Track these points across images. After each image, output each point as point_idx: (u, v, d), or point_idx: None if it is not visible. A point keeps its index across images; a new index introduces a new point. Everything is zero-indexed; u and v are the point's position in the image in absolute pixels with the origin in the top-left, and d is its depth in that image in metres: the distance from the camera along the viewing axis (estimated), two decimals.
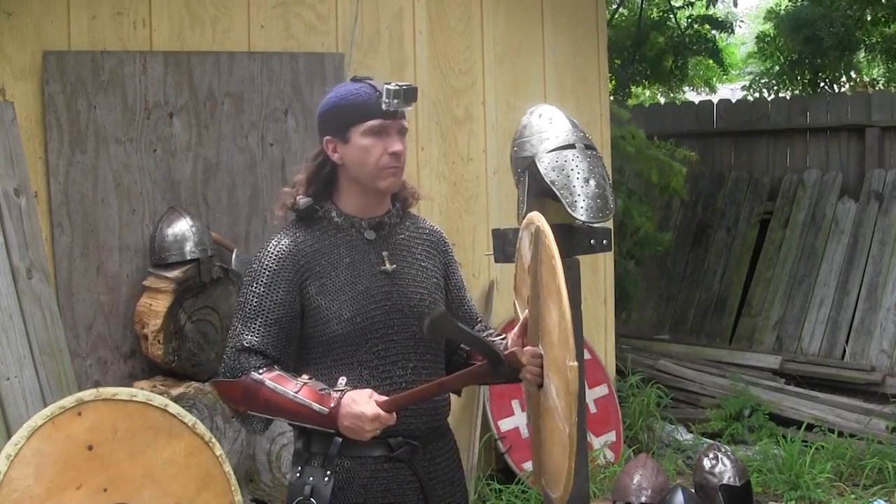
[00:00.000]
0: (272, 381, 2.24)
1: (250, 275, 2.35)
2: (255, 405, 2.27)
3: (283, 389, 2.23)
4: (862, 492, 5.20)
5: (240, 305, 2.35)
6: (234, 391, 2.28)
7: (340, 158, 2.34)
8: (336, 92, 2.39)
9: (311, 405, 2.21)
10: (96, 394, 3.20)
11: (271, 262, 2.33)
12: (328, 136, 2.36)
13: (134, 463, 3.14)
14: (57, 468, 3.04)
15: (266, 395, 2.24)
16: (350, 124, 2.32)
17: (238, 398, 2.29)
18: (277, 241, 2.36)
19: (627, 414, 5.98)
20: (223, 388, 2.34)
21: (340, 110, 2.34)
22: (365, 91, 2.32)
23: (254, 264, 2.36)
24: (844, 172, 7.77)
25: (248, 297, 2.32)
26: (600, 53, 5.93)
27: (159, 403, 3.27)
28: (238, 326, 2.32)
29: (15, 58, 3.92)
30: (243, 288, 2.36)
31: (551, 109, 3.10)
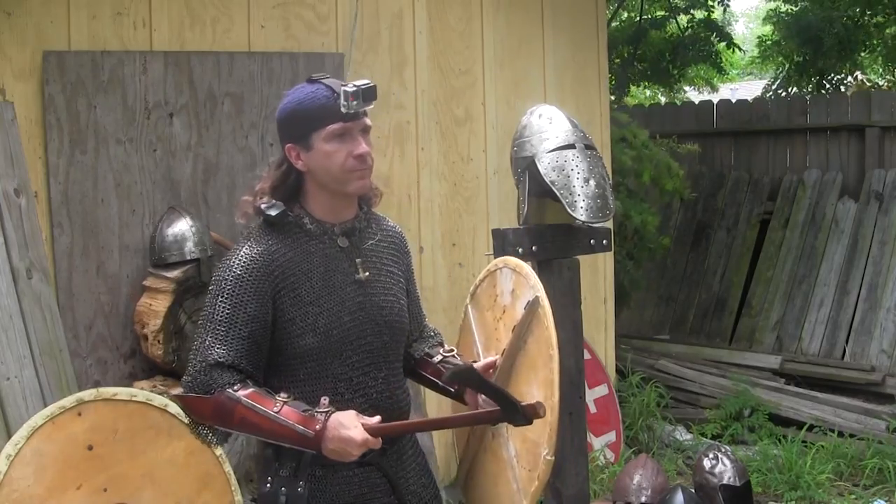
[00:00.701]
0: (249, 400, 2.17)
1: (218, 284, 2.23)
2: (227, 423, 2.20)
3: (262, 409, 2.16)
4: (862, 492, 5.20)
5: (207, 316, 2.22)
6: (205, 408, 2.21)
7: (305, 165, 2.26)
8: (293, 96, 2.27)
9: (294, 427, 2.14)
10: (96, 394, 3.20)
11: (242, 272, 2.21)
12: (290, 144, 2.27)
13: (134, 463, 3.14)
14: (57, 468, 3.04)
15: (242, 414, 2.17)
16: (311, 130, 2.23)
17: (208, 414, 2.22)
18: (249, 249, 2.24)
19: (627, 414, 5.98)
20: (191, 404, 2.24)
21: (299, 116, 2.24)
22: (322, 94, 2.22)
23: (221, 272, 2.24)
24: (844, 172, 7.77)
25: (216, 308, 2.21)
26: (600, 53, 5.93)
27: (159, 403, 3.26)
28: (206, 339, 2.21)
29: (15, 58, 3.92)
30: (210, 297, 2.23)
31: (551, 109, 3.10)
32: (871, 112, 7.82)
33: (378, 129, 4.89)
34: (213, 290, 2.24)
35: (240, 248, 2.25)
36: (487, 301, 2.48)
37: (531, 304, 2.27)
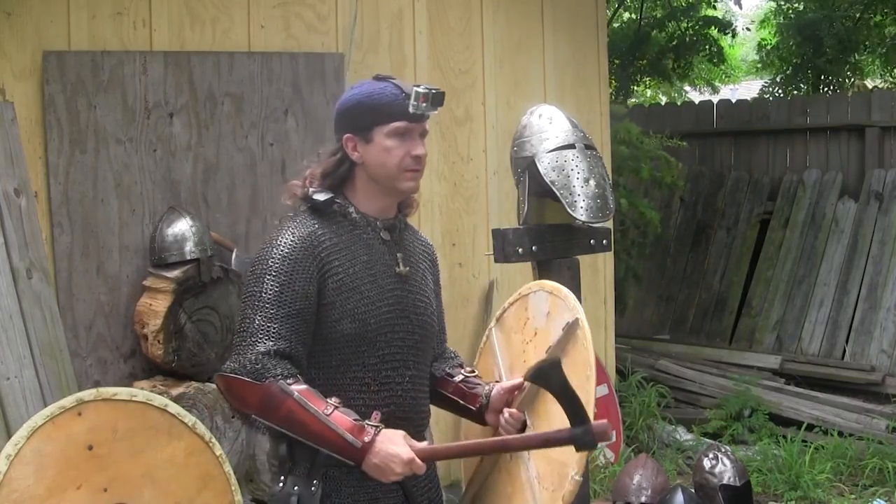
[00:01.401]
0: (302, 396, 2.11)
1: (263, 263, 2.20)
2: (271, 415, 2.12)
3: (314, 409, 2.11)
4: (862, 492, 5.20)
5: (253, 296, 2.18)
6: (252, 395, 2.12)
7: (360, 157, 2.28)
8: (360, 89, 2.30)
9: (343, 433, 2.10)
10: (96, 394, 3.20)
11: (289, 251, 2.19)
12: (349, 134, 2.29)
13: (134, 463, 3.14)
14: (57, 468, 3.04)
15: (290, 409, 2.10)
16: (374, 124, 2.26)
17: (254, 402, 2.12)
18: (294, 229, 2.23)
19: (627, 414, 5.98)
20: (236, 388, 2.14)
21: (365, 108, 2.26)
22: (391, 91, 2.26)
23: (265, 252, 2.21)
24: (844, 172, 7.77)
25: (264, 287, 2.17)
26: (600, 53, 5.93)
27: (159, 403, 3.27)
28: (255, 319, 2.15)
29: (15, 58, 3.92)
30: (253, 278, 2.20)
31: (551, 109, 3.10)
32: (871, 112, 7.83)
33: None
34: (257, 270, 2.20)
35: (284, 229, 2.24)
36: (516, 324, 2.46)
37: (570, 326, 2.26)
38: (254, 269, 2.22)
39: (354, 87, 2.33)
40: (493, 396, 2.39)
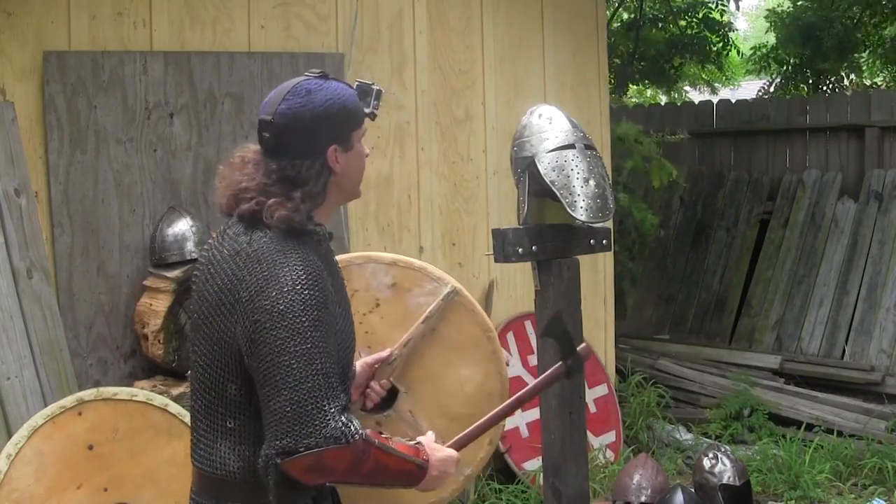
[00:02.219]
0: (379, 440, 1.95)
1: (296, 316, 1.91)
2: (358, 471, 1.93)
3: (390, 448, 1.97)
4: (861, 491, 5.20)
5: (301, 355, 1.89)
6: (342, 460, 1.89)
7: (342, 167, 2.08)
8: (332, 94, 2.05)
9: (414, 461, 2.02)
10: (96, 393, 3.21)
11: (316, 291, 1.94)
12: (334, 145, 2.05)
13: (134, 463, 3.15)
14: (57, 468, 3.04)
15: (375, 458, 1.94)
16: (352, 129, 2.09)
17: (343, 467, 1.90)
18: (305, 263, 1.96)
19: (627, 414, 5.98)
20: (326, 461, 1.88)
21: (346, 114, 2.06)
22: (351, 91, 2.09)
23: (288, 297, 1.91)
24: (844, 172, 7.77)
25: (310, 342, 1.90)
26: (600, 53, 5.93)
27: (159, 403, 3.28)
28: (318, 380, 1.89)
29: (15, 58, 3.92)
30: (290, 334, 1.90)
31: (551, 109, 3.09)
32: (871, 112, 7.82)
33: (378, 129, 4.90)
34: (289, 324, 1.90)
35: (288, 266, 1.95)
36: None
37: (451, 295, 2.43)
38: (286, 324, 1.90)
39: (320, 93, 2.04)
40: (357, 374, 2.36)
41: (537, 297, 2.98)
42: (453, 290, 2.46)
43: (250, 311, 1.94)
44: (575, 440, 2.95)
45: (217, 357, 2.02)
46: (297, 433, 1.87)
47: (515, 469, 5.12)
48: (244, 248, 2.00)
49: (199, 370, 2.08)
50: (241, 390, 2.00)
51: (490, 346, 2.46)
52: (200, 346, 2.07)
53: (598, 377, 5.67)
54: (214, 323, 2.03)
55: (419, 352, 2.46)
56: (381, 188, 4.93)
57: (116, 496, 3.11)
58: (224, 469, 2.04)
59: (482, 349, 2.45)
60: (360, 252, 2.43)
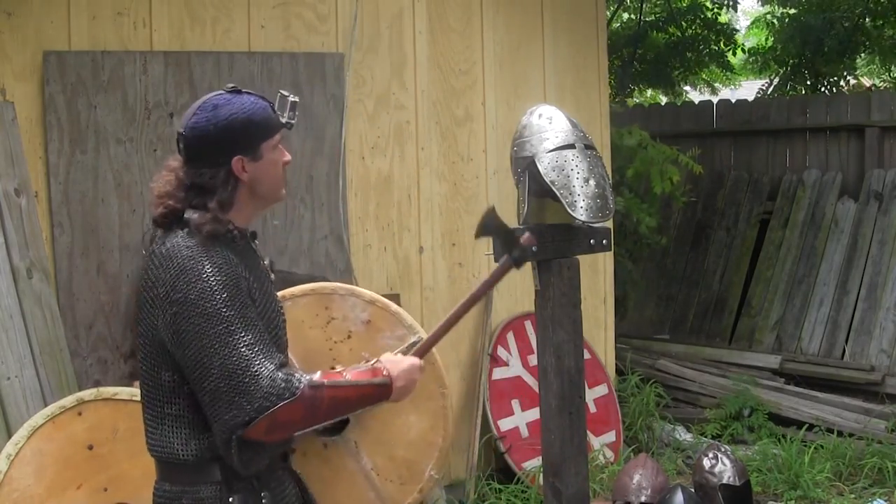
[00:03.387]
0: (328, 379, 2.12)
1: (208, 301, 2.06)
2: (316, 416, 2.10)
3: (343, 382, 2.15)
4: (861, 491, 5.20)
5: (223, 335, 2.04)
6: (295, 412, 2.05)
7: (249, 176, 2.21)
8: (236, 108, 2.19)
9: (371, 382, 2.19)
10: (96, 393, 3.21)
11: (222, 276, 2.10)
12: (239, 156, 2.18)
13: (134, 463, 3.15)
14: (57, 468, 3.04)
15: (330, 396, 2.11)
16: (261, 140, 2.21)
17: (299, 418, 2.07)
18: (208, 255, 2.12)
19: (627, 414, 5.98)
20: (281, 418, 2.03)
21: (252, 127, 2.20)
22: (263, 104, 2.24)
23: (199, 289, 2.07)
24: (844, 172, 7.77)
25: (228, 320, 2.06)
26: (600, 53, 5.93)
27: None
28: (245, 353, 2.04)
29: (15, 58, 3.92)
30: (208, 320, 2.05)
31: (551, 109, 3.09)
32: (871, 112, 7.82)
33: (378, 129, 4.90)
34: (204, 310, 2.06)
35: (193, 259, 2.11)
36: (311, 318, 2.63)
37: (415, 344, 2.55)
38: (196, 309, 2.06)
39: (220, 105, 2.19)
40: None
41: (537, 297, 2.97)
42: (419, 340, 2.62)
43: (167, 305, 2.11)
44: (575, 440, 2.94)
45: (148, 349, 2.19)
46: (239, 404, 2.02)
47: (515, 469, 5.12)
48: (159, 249, 2.19)
49: (140, 363, 2.24)
50: (173, 376, 2.15)
51: (441, 402, 2.66)
52: (139, 340, 2.23)
53: (598, 377, 5.67)
54: (143, 319, 2.19)
55: None
56: (381, 188, 4.93)
57: (116, 496, 3.11)
58: (170, 452, 2.19)
59: (434, 402, 2.65)
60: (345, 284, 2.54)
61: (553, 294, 2.95)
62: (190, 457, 2.17)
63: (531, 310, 3.51)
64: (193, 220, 2.16)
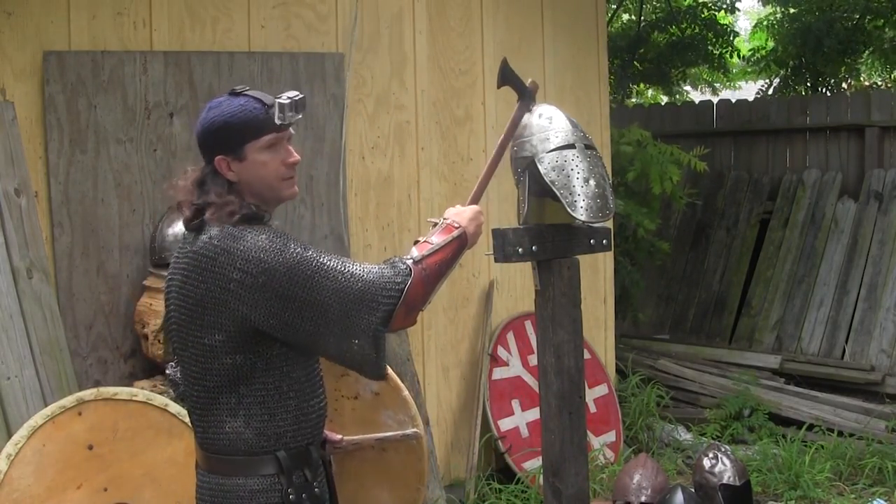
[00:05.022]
0: (420, 251, 2.34)
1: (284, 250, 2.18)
2: (430, 284, 2.32)
3: (434, 247, 2.36)
4: (861, 491, 5.20)
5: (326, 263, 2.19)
6: (417, 290, 2.27)
7: (236, 176, 2.28)
8: (221, 110, 2.29)
9: (454, 237, 2.41)
10: (96, 393, 3.21)
11: (283, 237, 2.22)
12: (220, 156, 2.27)
13: (134, 462, 3.15)
14: (57, 468, 3.04)
15: (432, 262, 2.32)
16: (244, 142, 2.26)
17: (422, 291, 2.29)
18: (259, 231, 2.22)
19: (627, 414, 5.98)
20: (410, 298, 2.25)
21: (234, 128, 2.26)
22: (252, 106, 2.28)
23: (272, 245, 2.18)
24: (844, 172, 7.77)
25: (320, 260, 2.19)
26: (600, 53, 5.93)
27: (159, 403, 3.28)
28: (348, 266, 2.21)
29: (15, 58, 3.92)
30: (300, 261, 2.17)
31: (551, 109, 3.09)
32: (871, 112, 7.82)
33: (378, 129, 4.90)
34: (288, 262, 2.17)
35: (254, 238, 2.20)
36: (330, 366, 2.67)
37: (411, 437, 2.76)
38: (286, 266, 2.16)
39: (213, 107, 2.32)
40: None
41: (537, 297, 2.97)
42: (415, 434, 2.78)
43: (250, 281, 2.16)
44: (575, 440, 2.94)
45: (219, 341, 2.19)
46: (371, 307, 2.19)
47: (515, 469, 5.12)
48: (207, 244, 2.22)
49: (193, 359, 2.26)
50: (246, 359, 2.20)
51: (415, 496, 2.79)
52: (189, 341, 2.25)
53: (598, 377, 5.67)
54: (200, 319, 2.21)
55: (361, 456, 2.77)
56: (381, 188, 4.93)
57: (116, 496, 3.11)
58: (230, 444, 2.24)
59: (409, 493, 2.80)
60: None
61: (553, 294, 2.95)
62: (245, 449, 2.23)
63: (531, 310, 3.51)
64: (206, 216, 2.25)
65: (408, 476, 2.77)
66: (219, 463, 2.27)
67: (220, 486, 2.26)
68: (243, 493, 2.23)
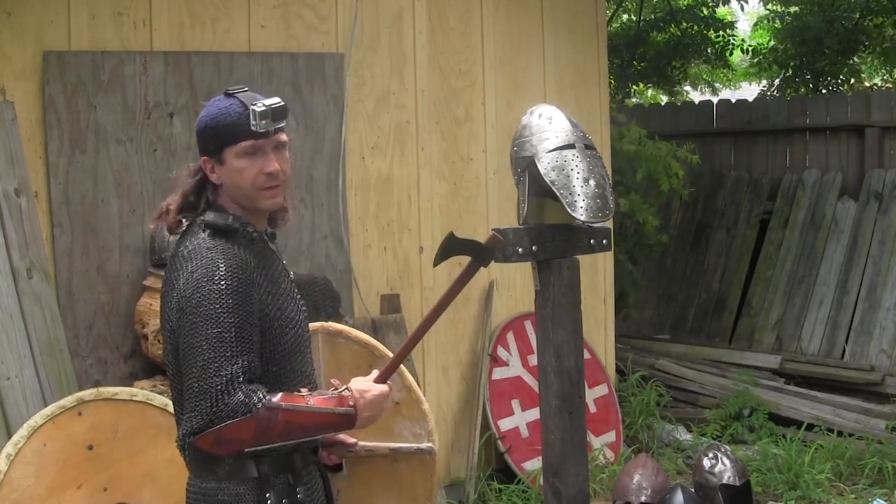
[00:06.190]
0: (287, 403, 2.10)
1: (212, 303, 2.09)
2: (268, 437, 2.10)
3: (302, 407, 2.13)
4: (862, 491, 5.20)
5: (208, 338, 2.07)
6: (245, 431, 2.06)
7: (218, 178, 2.23)
8: (208, 110, 2.26)
9: (334, 411, 2.18)
10: (96, 393, 3.21)
11: (234, 282, 2.11)
12: (205, 156, 2.24)
13: (134, 462, 3.15)
14: (57, 468, 3.04)
15: (286, 420, 2.09)
16: (224, 145, 2.21)
17: (249, 437, 2.08)
18: (226, 259, 2.14)
19: (627, 414, 5.98)
20: (228, 434, 2.05)
21: (213, 131, 2.22)
22: (235, 109, 2.21)
23: (206, 290, 2.09)
24: (844, 172, 7.76)
25: (222, 325, 2.08)
26: (600, 53, 5.93)
27: (159, 403, 3.28)
28: (216, 361, 2.06)
29: (15, 58, 3.92)
30: (204, 320, 2.08)
31: (551, 109, 3.09)
32: (871, 112, 7.82)
33: (378, 129, 4.90)
34: (204, 311, 2.09)
35: (210, 260, 2.13)
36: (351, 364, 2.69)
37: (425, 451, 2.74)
38: (200, 309, 2.09)
39: (207, 105, 2.28)
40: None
41: (537, 297, 2.97)
42: (430, 449, 2.76)
43: (177, 301, 2.15)
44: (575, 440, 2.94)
45: (171, 348, 2.22)
46: (200, 409, 2.06)
47: (515, 469, 5.12)
48: (181, 251, 2.21)
49: (169, 364, 2.27)
50: None
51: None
52: (168, 344, 2.26)
53: (598, 377, 5.67)
54: (165, 320, 2.24)
55: (373, 463, 2.76)
56: (381, 188, 4.93)
57: (116, 496, 3.11)
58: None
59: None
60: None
61: (553, 294, 2.95)
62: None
63: (531, 310, 3.51)
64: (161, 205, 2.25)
65: (417, 490, 2.76)
66: (199, 466, 2.22)
67: (202, 490, 2.22)
68: (224, 497, 2.19)
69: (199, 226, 2.21)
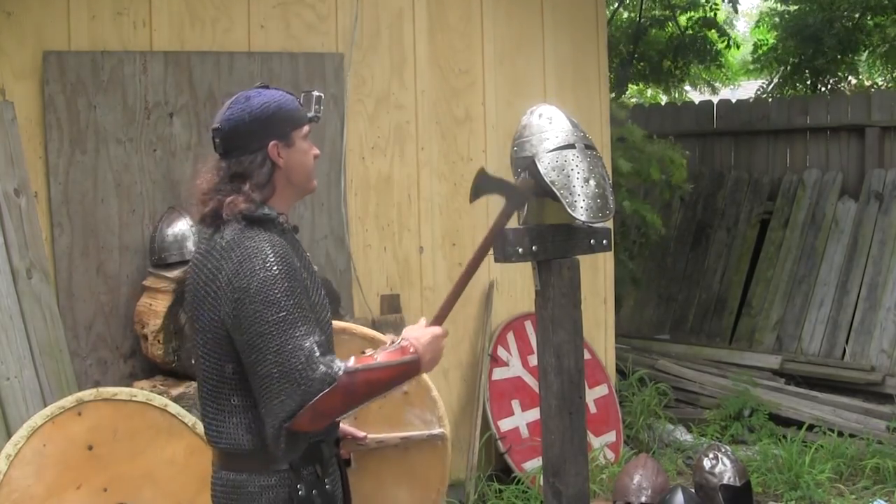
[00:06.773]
0: (362, 364, 2.19)
1: (271, 288, 2.15)
2: (355, 400, 2.18)
3: (375, 365, 2.21)
4: (862, 492, 5.20)
5: (281, 323, 2.13)
6: (334, 400, 2.13)
7: (285, 162, 2.32)
8: (268, 98, 2.32)
9: (402, 361, 2.25)
10: (96, 394, 3.20)
11: (284, 266, 2.19)
12: (274, 141, 2.30)
13: (134, 463, 3.14)
14: (57, 468, 3.04)
15: (365, 380, 2.17)
16: (292, 128, 2.34)
17: (338, 405, 2.15)
18: (272, 244, 2.21)
19: (627, 414, 5.98)
20: (321, 408, 2.12)
21: (286, 114, 2.33)
22: (291, 97, 2.37)
23: (262, 276, 2.16)
24: (844, 172, 7.76)
25: (286, 309, 2.14)
26: (600, 53, 5.93)
27: (159, 403, 3.27)
28: (293, 341, 2.12)
29: (15, 58, 3.92)
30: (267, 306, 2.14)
31: (551, 109, 3.09)
32: (871, 112, 7.82)
33: (378, 129, 4.90)
34: (265, 297, 2.14)
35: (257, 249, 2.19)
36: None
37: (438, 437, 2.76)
38: (259, 296, 2.15)
39: (257, 97, 2.32)
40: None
41: (537, 297, 2.97)
42: (442, 435, 2.77)
43: (230, 293, 2.18)
44: (575, 440, 2.94)
45: (212, 343, 2.25)
46: (288, 392, 2.11)
47: (515, 469, 5.12)
48: (218, 242, 2.26)
49: (200, 359, 2.31)
50: (238, 368, 2.23)
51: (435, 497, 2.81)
52: (197, 336, 2.30)
53: (598, 377, 5.67)
54: (203, 313, 2.26)
55: (383, 454, 2.75)
56: (381, 188, 4.93)
57: (116, 496, 3.11)
58: (235, 442, 2.26)
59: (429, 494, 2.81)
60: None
61: (553, 294, 2.95)
62: (256, 445, 2.24)
63: (531, 310, 3.51)
64: (238, 209, 2.23)
65: (429, 477, 2.77)
66: (229, 459, 2.28)
67: (231, 482, 2.27)
68: (254, 489, 2.24)
69: (235, 217, 2.25)
